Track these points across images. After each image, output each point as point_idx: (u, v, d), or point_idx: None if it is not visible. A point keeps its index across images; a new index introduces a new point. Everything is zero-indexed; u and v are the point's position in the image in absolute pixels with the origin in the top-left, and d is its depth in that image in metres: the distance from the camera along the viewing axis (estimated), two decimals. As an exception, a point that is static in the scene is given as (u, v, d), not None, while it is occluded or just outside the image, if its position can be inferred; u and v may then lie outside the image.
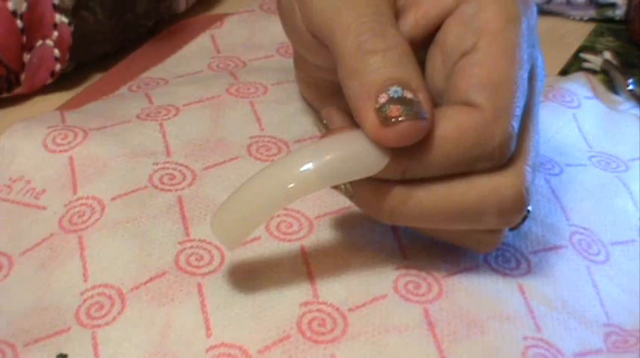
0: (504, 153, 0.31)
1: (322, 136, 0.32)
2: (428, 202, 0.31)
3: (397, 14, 0.34)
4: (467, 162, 0.31)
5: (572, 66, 0.57)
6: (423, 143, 0.30)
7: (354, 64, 0.31)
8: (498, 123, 0.30)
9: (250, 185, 0.31)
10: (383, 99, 0.30)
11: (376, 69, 0.30)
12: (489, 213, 0.31)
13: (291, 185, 0.30)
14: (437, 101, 0.33)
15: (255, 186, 0.31)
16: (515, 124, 0.31)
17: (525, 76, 0.32)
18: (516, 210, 0.31)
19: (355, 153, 0.30)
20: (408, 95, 0.30)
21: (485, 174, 0.31)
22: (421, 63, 0.34)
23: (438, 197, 0.31)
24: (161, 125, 0.41)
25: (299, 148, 0.32)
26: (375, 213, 0.32)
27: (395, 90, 0.30)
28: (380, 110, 0.29)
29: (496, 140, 0.30)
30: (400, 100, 0.29)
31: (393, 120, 0.29)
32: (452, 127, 0.30)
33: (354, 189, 0.32)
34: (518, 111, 0.31)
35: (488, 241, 0.34)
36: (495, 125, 0.30)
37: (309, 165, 0.30)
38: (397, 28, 0.32)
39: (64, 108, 0.47)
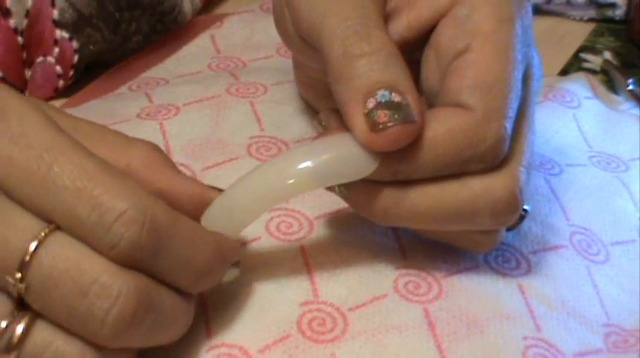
0: (497, 154, 0.31)
1: (315, 138, 0.32)
2: (420, 203, 0.31)
3: (389, 16, 0.34)
4: (459, 163, 0.31)
5: (572, 66, 0.57)
6: (414, 145, 0.30)
7: (341, 68, 0.31)
8: (490, 124, 0.30)
9: (247, 181, 0.31)
10: (371, 104, 0.30)
11: (363, 73, 0.30)
12: (482, 213, 0.31)
13: (291, 181, 0.30)
14: (432, 102, 0.33)
15: (252, 182, 0.31)
16: (508, 125, 0.31)
17: (519, 76, 0.32)
18: (510, 211, 0.31)
19: (345, 156, 0.30)
20: (396, 98, 0.30)
21: (478, 175, 0.31)
22: (416, 64, 0.34)
23: (430, 197, 0.31)
24: (161, 124, 0.41)
25: (292, 149, 0.32)
26: (369, 214, 0.32)
27: (382, 94, 0.30)
28: (368, 115, 0.29)
29: (488, 142, 0.30)
30: (388, 105, 0.29)
31: (381, 126, 0.29)
32: (443, 129, 0.30)
33: (347, 190, 0.32)
34: (512, 113, 0.31)
35: (485, 242, 0.34)
36: (487, 127, 0.30)
37: (308, 163, 0.30)
38: (384, 29, 0.32)
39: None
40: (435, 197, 0.31)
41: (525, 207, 0.34)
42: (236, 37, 0.53)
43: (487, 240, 0.33)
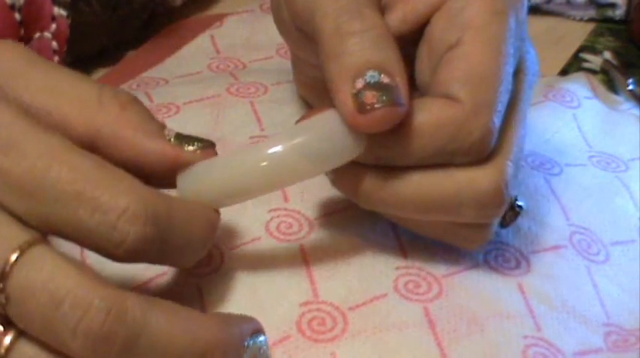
0: (483, 148, 0.31)
1: (302, 118, 0.32)
2: (403, 189, 0.31)
3: (384, 9, 0.33)
4: (444, 154, 0.31)
5: (572, 66, 0.57)
6: (399, 132, 0.30)
7: (332, 46, 0.30)
8: (478, 118, 0.30)
9: (224, 158, 0.31)
10: (360, 84, 0.29)
11: (354, 52, 0.30)
12: (466, 205, 0.31)
13: (264, 163, 0.30)
14: (424, 96, 0.33)
15: (229, 160, 0.30)
16: (497, 120, 0.31)
17: (510, 70, 0.32)
18: (494, 204, 0.31)
19: (329, 138, 0.30)
20: (385, 80, 0.30)
21: (464, 166, 0.31)
22: (412, 59, 0.34)
23: (414, 185, 0.31)
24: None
25: (276, 132, 0.31)
26: (352, 197, 0.32)
27: (372, 75, 0.30)
28: (356, 96, 0.29)
29: (475, 135, 0.30)
30: (376, 86, 0.29)
31: (368, 107, 0.29)
32: (430, 120, 0.30)
33: (333, 171, 0.32)
34: (501, 107, 0.31)
35: (474, 238, 0.34)
36: (475, 120, 0.30)
37: (279, 147, 0.29)
38: (377, 10, 0.31)
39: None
40: (418, 185, 0.31)
41: (520, 203, 0.34)
42: (236, 37, 0.53)
43: (477, 236, 0.33)
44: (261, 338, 0.29)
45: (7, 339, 0.25)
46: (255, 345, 0.28)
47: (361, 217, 0.35)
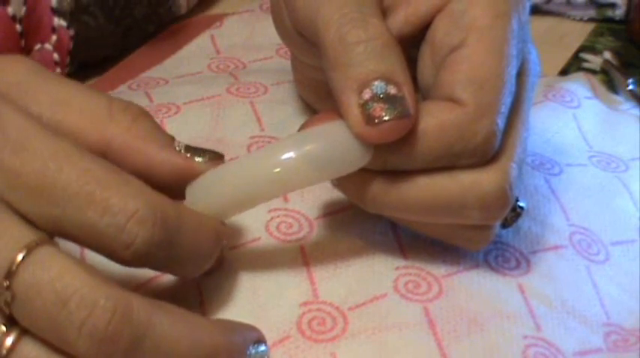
0: (487, 150, 0.31)
1: (306, 124, 0.31)
2: (409, 193, 0.31)
3: (386, 11, 0.33)
4: (449, 157, 0.31)
5: (572, 66, 0.57)
6: (405, 137, 0.30)
7: (337, 56, 0.30)
8: (482, 120, 0.30)
9: (234, 166, 0.31)
10: (367, 95, 0.30)
11: (359, 62, 0.30)
12: (471, 207, 0.31)
13: (274, 171, 0.30)
14: (427, 98, 0.33)
15: (239, 168, 0.31)
16: (500, 121, 0.31)
17: (513, 72, 0.32)
18: (499, 206, 0.31)
19: (338, 147, 0.30)
20: (392, 91, 0.30)
21: (468, 169, 0.31)
22: (414, 62, 0.34)
23: (419, 188, 0.31)
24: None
25: (285, 137, 0.31)
26: (359, 201, 0.32)
27: (378, 86, 0.30)
28: (364, 107, 0.29)
29: (479, 137, 0.30)
30: (384, 98, 0.29)
31: (376, 120, 0.29)
32: (434, 123, 0.30)
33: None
34: (504, 109, 0.31)
35: (477, 238, 0.34)
36: (479, 122, 0.30)
37: (290, 154, 0.30)
38: (381, 18, 0.31)
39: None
40: (424, 188, 0.31)
41: (521, 204, 0.34)
42: (236, 38, 0.53)
43: (480, 237, 0.33)
44: (263, 347, 0.29)
45: (10, 340, 0.25)
46: (257, 354, 0.29)
47: (361, 217, 0.35)
